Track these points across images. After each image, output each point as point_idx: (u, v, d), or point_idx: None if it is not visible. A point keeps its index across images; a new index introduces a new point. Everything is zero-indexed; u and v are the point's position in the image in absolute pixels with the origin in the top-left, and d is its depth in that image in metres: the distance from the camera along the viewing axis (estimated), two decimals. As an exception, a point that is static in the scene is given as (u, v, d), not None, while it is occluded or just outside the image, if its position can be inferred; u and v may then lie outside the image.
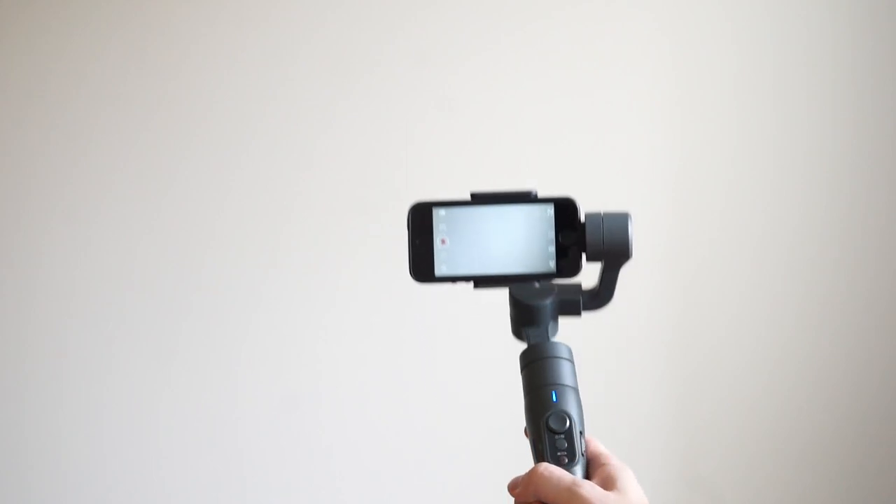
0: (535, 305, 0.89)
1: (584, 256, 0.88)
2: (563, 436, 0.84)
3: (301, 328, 2.09)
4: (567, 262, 0.88)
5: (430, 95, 2.07)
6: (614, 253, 0.88)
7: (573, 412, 0.85)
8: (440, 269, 0.89)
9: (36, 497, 2.10)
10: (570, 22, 2.07)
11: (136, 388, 2.09)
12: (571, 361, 0.88)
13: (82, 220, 2.10)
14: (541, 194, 0.88)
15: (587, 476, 0.85)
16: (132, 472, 2.09)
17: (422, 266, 0.89)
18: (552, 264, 0.87)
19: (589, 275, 0.91)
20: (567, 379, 0.87)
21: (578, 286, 0.90)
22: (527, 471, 0.83)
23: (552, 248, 0.87)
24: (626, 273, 2.33)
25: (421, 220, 0.89)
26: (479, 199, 0.88)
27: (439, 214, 0.89)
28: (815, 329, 2.04)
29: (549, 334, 0.90)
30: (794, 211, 2.04)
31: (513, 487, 0.84)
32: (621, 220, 0.88)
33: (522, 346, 0.89)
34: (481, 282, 0.88)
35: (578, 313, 0.92)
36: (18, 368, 2.10)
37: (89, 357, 2.09)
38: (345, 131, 2.08)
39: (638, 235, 2.16)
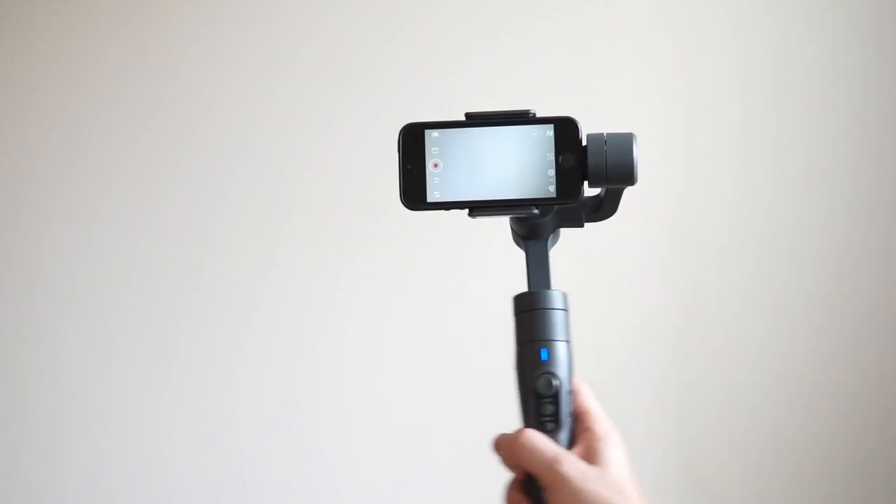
0: (535, 222, 0.86)
1: (585, 182, 0.83)
2: (549, 400, 0.83)
3: (301, 328, 2.09)
4: (567, 186, 0.82)
5: (431, 95, 2.07)
6: (617, 177, 0.82)
7: (562, 372, 0.84)
8: (433, 194, 0.84)
9: (35, 497, 2.10)
10: (570, 22, 2.07)
11: (135, 388, 2.09)
12: (566, 310, 0.86)
13: (81, 219, 2.10)
14: (540, 114, 0.84)
15: (572, 439, 0.84)
16: (131, 471, 2.09)
17: (413, 192, 0.84)
18: (552, 189, 0.82)
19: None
20: (559, 332, 0.85)
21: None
22: (513, 432, 0.82)
23: (552, 172, 0.82)
24: (628, 272, 2.33)
25: (412, 142, 0.84)
26: (475, 120, 0.83)
27: (432, 136, 0.84)
28: (819, 330, 2.03)
29: (549, 249, 0.88)
30: (799, 211, 2.04)
31: (498, 448, 0.83)
32: (626, 142, 0.82)
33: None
34: (476, 208, 0.83)
35: (581, 225, 0.89)
36: (18, 368, 2.10)
37: (88, 357, 2.09)
38: (345, 131, 2.08)
39: (640, 235, 2.16)
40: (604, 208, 0.88)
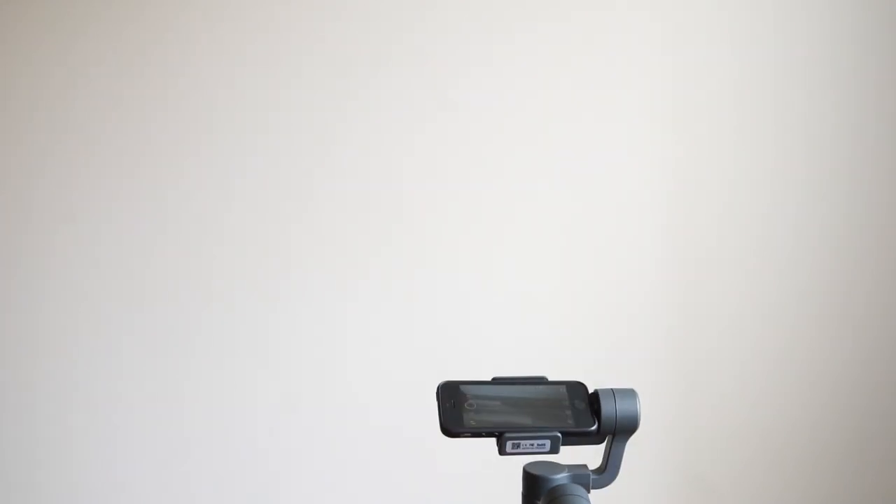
0: (548, 478, 0.97)
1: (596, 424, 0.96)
2: None
3: (302, 328, 2.09)
4: (583, 419, 0.96)
5: (433, 96, 2.07)
6: (625, 426, 0.96)
7: None
8: (469, 423, 0.96)
9: (45, 494, 2.11)
10: (570, 21, 2.07)
11: (136, 389, 2.09)
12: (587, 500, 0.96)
13: (91, 221, 2.10)
14: (552, 378, 0.98)
15: None
16: (131, 472, 2.10)
17: (452, 422, 0.96)
18: (570, 422, 0.96)
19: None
20: None
21: (586, 466, 0.99)
22: None
23: (569, 412, 0.96)
24: (625, 270, 2.32)
25: (449, 392, 0.99)
26: (499, 381, 1.00)
27: (466, 388, 0.99)
28: (815, 327, 2.04)
29: None
30: (797, 210, 2.04)
31: None
32: (630, 396, 0.97)
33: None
34: (507, 431, 0.95)
35: (588, 491, 0.98)
36: (27, 370, 2.11)
37: (90, 358, 2.09)
38: (346, 132, 2.08)
39: (638, 234, 2.15)
40: (608, 470, 1.00)
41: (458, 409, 0.97)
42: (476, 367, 2.07)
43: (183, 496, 2.10)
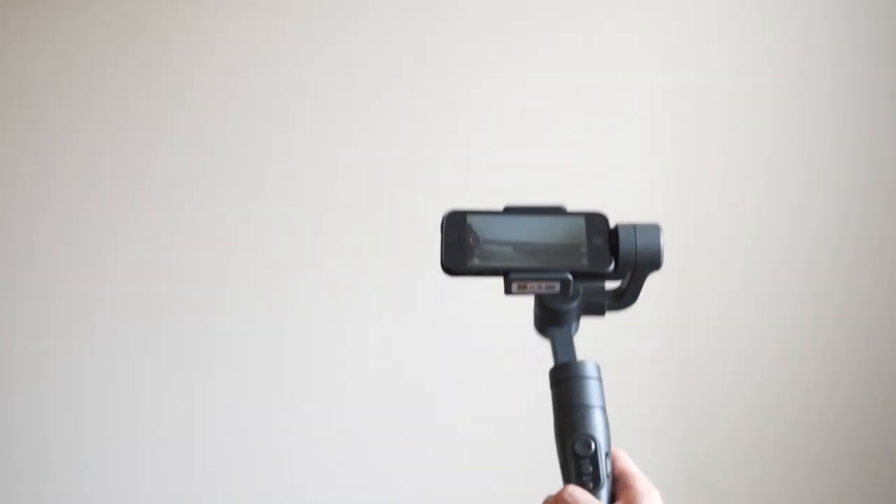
0: (561, 308, 0.91)
1: (614, 259, 0.89)
2: (587, 460, 0.86)
3: (302, 328, 2.10)
4: (598, 259, 0.88)
5: (435, 96, 2.08)
6: (645, 263, 0.89)
7: (599, 435, 0.87)
8: (472, 262, 0.88)
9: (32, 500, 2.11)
10: (571, 21, 2.07)
11: (131, 389, 2.09)
12: (599, 379, 0.89)
13: (75, 219, 2.10)
14: (570, 209, 0.90)
15: (613, 498, 0.88)
16: (127, 472, 2.10)
17: (454, 259, 0.88)
18: (585, 261, 0.88)
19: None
20: (594, 399, 0.88)
21: (603, 287, 0.92)
22: (558, 491, 0.86)
23: (584, 249, 0.89)
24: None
25: (455, 223, 0.90)
26: (512, 211, 0.91)
27: (473, 219, 0.90)
28: (814, 324, 2.04)
29: (573, 333, 0.91)
30: (795, 210, 2.05)
31: None
32: (654, 231, 0.90)
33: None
34: (513, 271, 0.87)
35: (602, 314, 0.93)
36: (37, 372, 2.11)
37: (76, 356, 2.10)
38: (347, 133, 2.09)
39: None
40: (626, 297, 0.93)
41: (463, 246, 0.88)
42: (478, 367, 2.08)
43: (190, 499, 2.10)
